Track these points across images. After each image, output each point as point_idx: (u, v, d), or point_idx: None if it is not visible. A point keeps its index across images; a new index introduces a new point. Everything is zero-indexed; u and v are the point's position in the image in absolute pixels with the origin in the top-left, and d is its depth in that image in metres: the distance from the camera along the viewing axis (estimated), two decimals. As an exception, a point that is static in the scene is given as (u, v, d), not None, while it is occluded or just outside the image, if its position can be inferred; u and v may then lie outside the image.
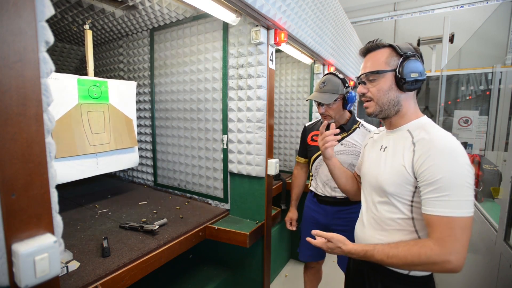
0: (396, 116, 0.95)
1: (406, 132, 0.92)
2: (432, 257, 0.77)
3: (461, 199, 0.76)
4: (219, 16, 1.52)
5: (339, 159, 1.61)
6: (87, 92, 1.71)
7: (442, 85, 4.21)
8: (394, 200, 0.90)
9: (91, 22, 2.22)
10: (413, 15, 5.18)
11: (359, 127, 1.66)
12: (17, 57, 0.59)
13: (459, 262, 0.76)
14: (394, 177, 0.88)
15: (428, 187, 0.80)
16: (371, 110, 0.96)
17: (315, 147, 1.72)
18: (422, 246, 0.79)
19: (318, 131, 1.73)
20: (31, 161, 0.63)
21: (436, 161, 0.78)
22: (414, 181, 0.84)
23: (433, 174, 0.78)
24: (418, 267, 0.80)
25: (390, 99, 0.91)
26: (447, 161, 0.77)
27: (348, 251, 0.92)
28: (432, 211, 0.79)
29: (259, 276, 1.90)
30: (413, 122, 0.93)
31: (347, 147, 1.62)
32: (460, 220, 0.76)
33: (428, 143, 0.82)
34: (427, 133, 0.85)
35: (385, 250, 0.84)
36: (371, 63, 0.93)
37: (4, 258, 0.61)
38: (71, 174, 1.66)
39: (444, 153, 0.78)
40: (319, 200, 1.75)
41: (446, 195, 0.77)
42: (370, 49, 0.95)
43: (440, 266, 0.77)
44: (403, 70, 0.87)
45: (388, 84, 0.90)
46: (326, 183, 1.70)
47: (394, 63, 0.90)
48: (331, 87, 1.58)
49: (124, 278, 1.19)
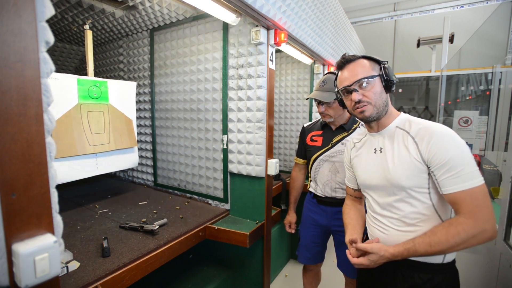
0: (385, 116, 1.02)
1: (396, 129, 1.00)
2: (470, 231, 0.81)
3: (473, 170, 0.84)
4: (219, 16, 1.52)
5: (341, 159, 1.62)
6: (87, 92, 1.71)
7: (442, 85, 4.21)
8: (412, 192, 0.94)
9: (91, 22, 2.22)
10: (413, 15, 5.18)
11: (359, 126, 1.65)
12: (17, 57, 0.59)
13: (494, 227, 0.82)
14: (408, 171, 0.93)
15: (442, 169, 0.86)
16: (368, 114, 0.99)
17: (315, 148, 1.71)
18: (458, 224, 0.83)
19: (317, 131, 1.73)
20: (31, 161, 0.63)
21: (440, 145, 0.86)
22: (426, 168, 0.90)
23: (442, 156, 0.85)
24: (461, 246, 0.83)
25: (383, 100, 0.99)
26: (449, 142, 0.86)
27: (391, 255, 0.92)
28: (453, 189, 0.85)
29: (259, 276, 1.90)
30: (397, 119, 1.02)
31: None
32: (480, 188, 0.83)
33: (425, 131, 0.91)
34: (418, 124, 0.95)
35: (426, 240, 0.87)
36: (358, 71, 0.99)
37: (4, 258, 0.61)
38: (71, 174, 1.66)
39: (444, 137, 0.87)
40: (318, 201, 1.73)
41: (460, 171, 0.83)
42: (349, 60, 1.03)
43: (479, 237, 0.82)
44: (388, 73, 0.98)
45: (380, 87, 0.99)
46: (326, 184, 1.68)
47: (377, 68, 1.00)
48: (331, 86, 1.57)
49: (124, 278, 1.19)
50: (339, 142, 1.64)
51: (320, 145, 1.69)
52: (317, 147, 1.70)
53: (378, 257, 0.92)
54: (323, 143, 1.68)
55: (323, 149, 1.67)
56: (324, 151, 1.66)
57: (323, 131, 1.72)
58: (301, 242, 1.83)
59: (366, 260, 0.95)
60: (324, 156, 1.66)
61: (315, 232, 1.76)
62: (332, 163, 1.64)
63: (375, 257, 0.93)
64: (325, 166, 1.67)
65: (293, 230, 1.89)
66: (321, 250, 1.81)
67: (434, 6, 4.96)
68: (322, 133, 1.72)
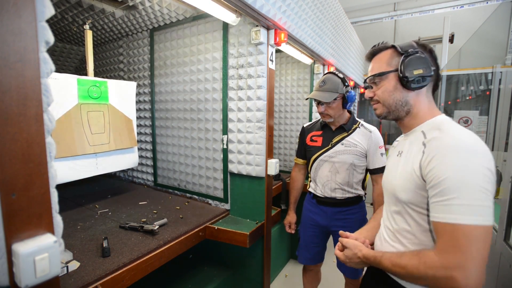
0: (408, 117, 0.90)
1: (420, 133, 0.85)
2: (432, 270, 0.67)
3: (471, 203, 0.65)
4: (219, 16, 1.52)
5: (341, 159, 1.61)
6: (87, 92, 1.71)
7: (442, 85, 4.22)
8: (409, 209, 0.82)
9: (91, 22, 2.22)
10: (413, 15, 5.18)
11: (359, 126, 1.65)
12: (17, 57, 0.59)
13: (468, 281, 0.62)
14: (405, 182, 0.81)
15: (434, 190, 0.71)
16: (378, 112, 0.94)
17: (315, 148, 1.70)
18: (424, 255, 0.70)
19: (317, 132, 1.73)
20: (31, 161, 0.63)
21: (442, 160, 0.69)
22: (424, 184, 0.75)
23: (438, 174, 0.69)
24: (420, 281, 0.71)
25: (396, 99, 0.88)
26: (455, 159, 0.68)
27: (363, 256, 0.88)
28: (436, 217, 0.70)
29: (259, 276, 1.90)
30: (427, 122, 0.86)
31: (347, 147, 1.61)
32: (467, 228, 0.64)
33: (437, 140, 0.74)
34: (441, 132, 0.77)
35: (392, 258, 0.79)
36: (374, 66, 0.92)
37: (4, 258, 0.61)
38: (71, 174, 1.66)
39: (453, 151, 0.69)
40: (318, 201, 1.72)
41: (450, 199, 0.66)
42: (374, 52, 0.94)
43: (443, 283, 0.66)
44: (404, 68, 0.83)
45: (392, 85, 0.88)
46: (325, 184, 1.67)
47: (396, 62, 0.87)
48: (331, 86, 1.57)
49: (124, 278, 1.19)
50: (339, 142, 1.63)
51: (320, 145, 1.68)
52: (317, 147, 1.69)
53: (352, 254, 0.91)
54: (323, 143, 1.68)
55: (323, 149, 1.66)
56: (324, 151, 1.66)
57: (323, 131, 1.71)
58: (300, 243, 1.83)
59: (342, 255, 0.94)
60: (324, 156, 1.66)
61: (315, 233, 1.77)
62: (332, 163, 1.64)
63: (350, 253, 0.92)
64: (325, 167, 1.66)
65: (293, 231, 1.89)
66: (320, 250, 1.81)
67: (434, 6, 4.96)
68: (322, 133, 1.71)
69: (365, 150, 1.60)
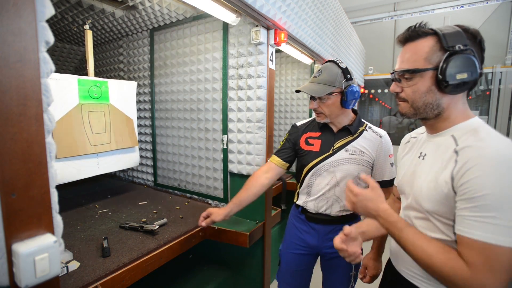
0: (437, 119, 0.79)
1: (450, 138, 0.75)
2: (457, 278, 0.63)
3: (510, 225, 0.59)
4: (219, 16, 1.52)
5: (344, 170, 1.29)
6: (88, 92, 1.71)
7: (442, 85, 4.21)
8: (433, 218, 0.76)
9: (91, 22, 2.22)
10: (413, 15, 5.17)
11: (366, 129, 1.34)
12: (17, 57, 0.59)
13: None
14: (432, 192, 0.73)
15: (467, 203, 0.64)
16: (404, 111, 0.82)
17: (311, 153, 1.36)
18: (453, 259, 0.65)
19: (315, 133, 1.40)
20: (31, 161, 0.63)
21: (482, 173, 0.62)
22: (454, 195, 0.69)
23: (476, 188, 0.62)
24: (435, 275, 0.67)
25: (427, 102, 0.75)
26: (498, 175, 0.60)
27: (383, 209, 0.77)
28: (465, 231, 0.64)
29: (259, 276, 1.90)
30: (460, 125, 0.75)
31: (353, 154, 1.29)
32: (502, 250, 0.60)
33: (475, 150, 0.65)
34: (477, 139, 0.67)
35: (417, 236, 0.70)
36: (408, 57, 0.76)
37: (4, 258, 0.61)
38: (72, 174, 1.66)
39: (495, 165, 0.61)
40: (308, 218, 1.41)
41: (489, 216, 0.61)
42: (409, 38, 0.77)
43: None
44: (446, 70, 0.69)
45: (427, 86, 0.74)
46: (320, 198, 1.36)
47: (437, 59, 0.72)
48: (326, 77, 1.26)
49: (124, 278, 1.19)
50: (342, 148, 1.31)
51: (317, 151, 1.35)
52: (314, 152, 1.35)
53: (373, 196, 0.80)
54: (322, 149, 1.34)
55: (321, 156, 1.33)
56: (322, 158, 1.32)
57: (321, 133, 1.38)
58: (282, 266, 1.51)
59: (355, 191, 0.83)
60: (323, 165, 1.32)
61: (302, 255, 1.46)
62: (333, 174, 1.31)
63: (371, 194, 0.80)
64: (323, 178, 1.34)
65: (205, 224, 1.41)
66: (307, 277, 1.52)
67: (434, 6, 4.96)
68: (320, 135, 1.38)
69: (373, 159, 1.31)
